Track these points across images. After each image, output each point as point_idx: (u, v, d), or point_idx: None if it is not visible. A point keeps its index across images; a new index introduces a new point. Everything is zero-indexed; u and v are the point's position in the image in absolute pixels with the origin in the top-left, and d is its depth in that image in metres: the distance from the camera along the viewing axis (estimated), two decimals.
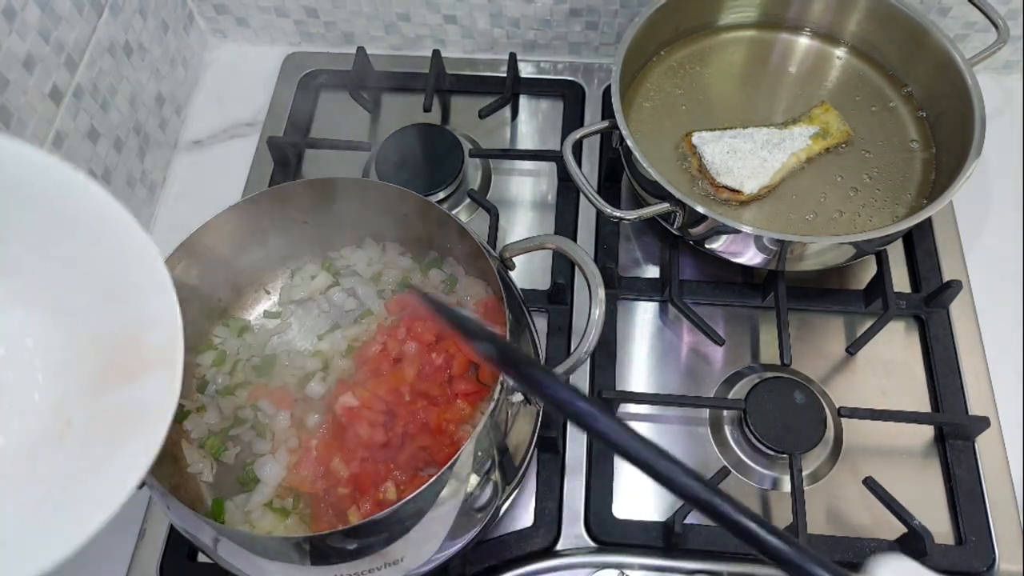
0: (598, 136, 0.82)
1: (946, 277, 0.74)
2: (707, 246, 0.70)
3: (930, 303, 0.73)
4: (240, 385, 0.64)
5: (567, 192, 0.80)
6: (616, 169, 0.81)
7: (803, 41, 0.82)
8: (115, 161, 0.75)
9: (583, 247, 0.61)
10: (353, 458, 0.57)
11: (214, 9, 0.90)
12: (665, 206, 0.65)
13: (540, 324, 0.72)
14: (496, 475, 0.54)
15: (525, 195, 0.82)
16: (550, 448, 0.66)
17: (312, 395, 0.63)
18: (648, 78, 0.79)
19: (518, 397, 0.53)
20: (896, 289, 0.72)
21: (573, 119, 0.86)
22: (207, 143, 0.88)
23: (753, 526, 0.31)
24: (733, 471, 0.66)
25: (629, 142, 0.66)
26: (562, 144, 0.69)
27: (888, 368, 0.71)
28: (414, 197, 0.60)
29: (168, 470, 0.59)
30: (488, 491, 0.54)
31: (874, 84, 0.79)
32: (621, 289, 0.75)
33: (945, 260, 0.76)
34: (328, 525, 0.56)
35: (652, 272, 0.77)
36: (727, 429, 0.68)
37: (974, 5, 0.76)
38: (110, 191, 0.74)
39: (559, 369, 0.52)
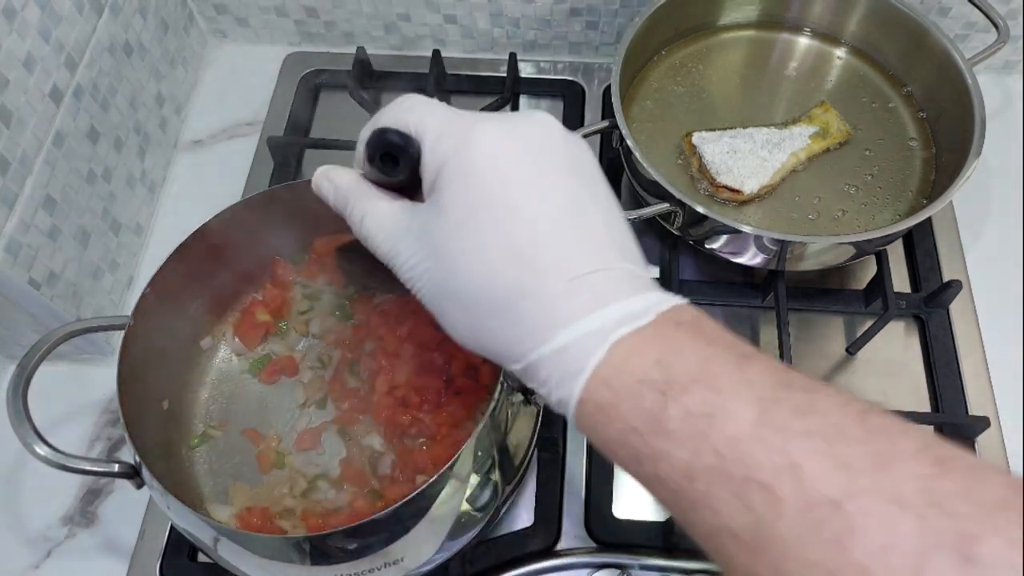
0: (598, 136, 0.82)
1: (946, 277, 0.74)
2: (707, 246, 0.70)
3: (930, 303, 0.73)
4: None
5: None
6: (616, 169, 0.81)
7: (803, 41, 0.82)
8: (115, 161, 0.75)
9: None
10: None
11: (214, 9, 0.90)
12: (665, 206, 0.65)
13: None
14: (496, 475, 0.54)
15: None
16: (550, 448, 0.66)
17: None
18: (648, 78, 0.79)
19: (518, 397, 0.53)
20: (896, 289, 0.72)
21: (573, 119, 0.86)
22: (207, 143, 0.88)
23: None
24: None
25: (629, 142, 0.66)
26: None
27: (888, 368, 0.71)
28: None
29: (168, 470, 0.59)
30: (488, 491, 0.54)
31: (874, 84, 0.79)
32: None
33: (945, 260, 0.76)
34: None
35: (652, 272, 0.77)
36: None
37: (974, 5, 0.76)
38: (111, 190, 0.74)
39: None
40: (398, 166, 0.36)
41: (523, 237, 0.33)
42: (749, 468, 0.27)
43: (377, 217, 0.38)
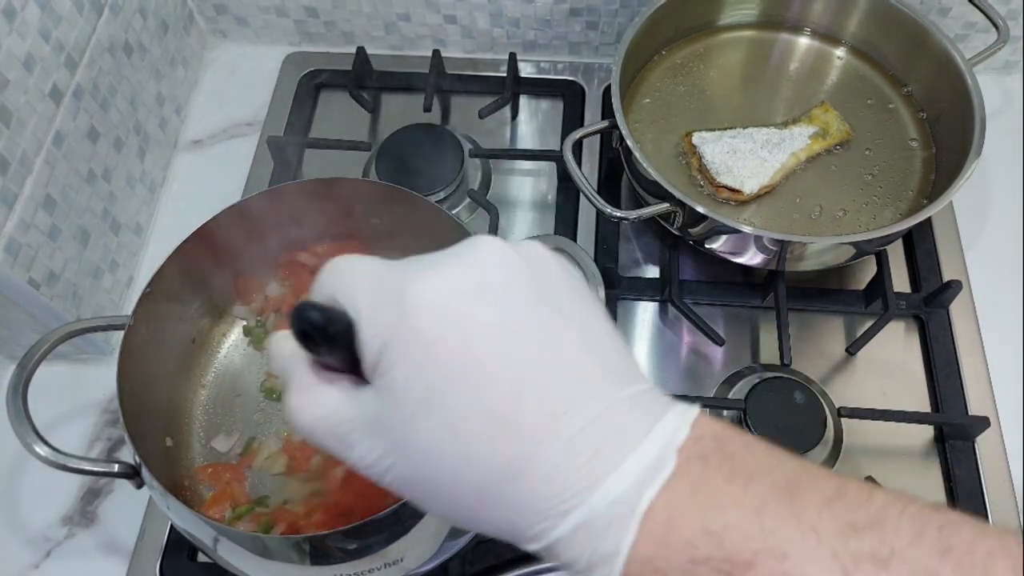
0: (598, 136, 0.82)
1: (946, 277, 0.74)
2: (707, 246, 0.70)
3: (930, 303, 0.73)
4: None
5: (567, 192, 0.80)
6: (616, 169, 0.81)
7: (803, 41, 0.82)
8: (115, 161, 0.75)
9: (583, 247, 0.61)
10: None
11: (214, 9, 0.90)
12: (665, 206, 0.65)
13: None
14: None
15: (525, 195, 0.82)
16: None
17: None
18: (648, 78, 0.79)
19: None
20: (896, 289, 0.72)
21: (573, 119, 0.86)
22: (207, 143, 0.88)
23: None
24: None
25: (629, 142, 0.66)
26: (562, 144, 0.69)
27: (888, 368, 0.71)
28: (414, 197, 0.60)
29: (168, 470, 0.59)
30: None
31: (874, 84, 0.79)
32: (621, 289, 0.75)
33: (945, 260, 0.76)
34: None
35: (652, 272, 0.77)
36: None
37: (974, 5, 0.76)
38: (111, 190, 0.74)
39: None
40: (322, 346, 0.30)
41: (499, 401, 0.27)
42: None
43: (318, 408, 0.31)
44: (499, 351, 0.28)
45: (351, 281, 0.30)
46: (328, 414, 0.30)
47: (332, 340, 0.30)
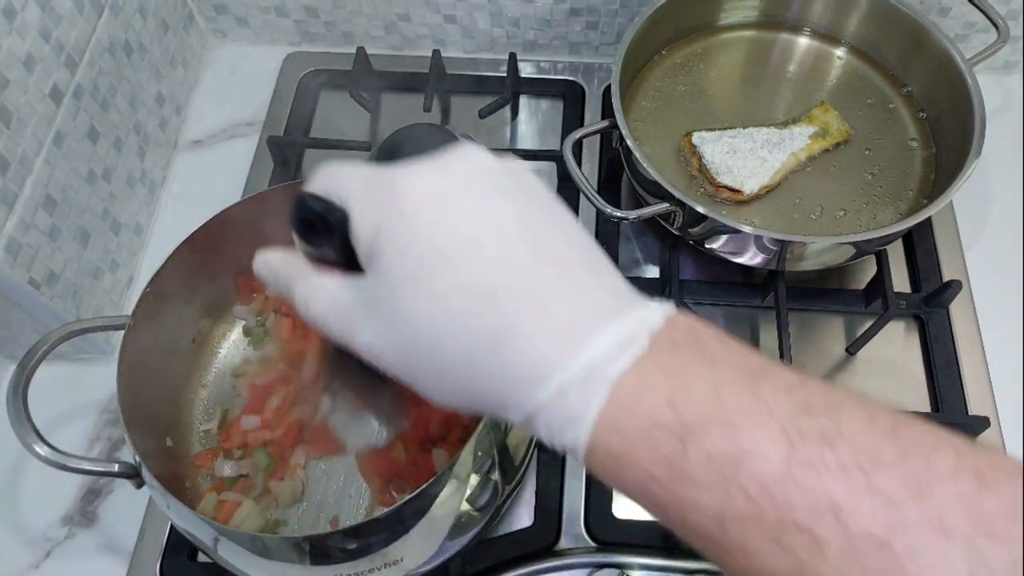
0: (598, 136, 0.82)
1: (946, 277, 0.74)
2: (707, 246, 0.70)
3: (930, 303, 0.73)
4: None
5: (567, 192, 0.80)
6: (616, 169, 0.81)
7: (803, 41, 0.82)
8: (115, 161, 0.75)
9: None
10: None
11: (214, 9, 0.90)
12: (665, 206, 0.65)
13: None
14: (496, 475, 0.54)
15: None
16: (550, 448, 0.66)
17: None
18: (648, 78, 0.79)
19: None
20: (896, 289, 0.72)
21: (573, 119, 0.86)
22: (207, 143, 0.88)
23: None
24: None
25: (629, 142, 0.66)
26: (562, 144, 0.69)
27: (888, 368, 0.71)
28: None
29: (168, 470, 0.59)
30: (488, 491, 0.54)
31: (874, 84, 0.79)
32: None
33: (945, 260, 0.76)
34: None
35: (652, 272, 0.77)
36: None
37: (974, 5, 0.76)
38: (111, 190, 0.74)
39: None
40: (320, 235, 0.33)
41: (483, 275, 0.30)
42: (785, 511, 0.26)
43: (322, 298, 0.34)
44: (480, 229, 0.31)
45: (342, 179, 0.33)
46: (333, 301, 0.33)
47: (331, 228, 0.32)
